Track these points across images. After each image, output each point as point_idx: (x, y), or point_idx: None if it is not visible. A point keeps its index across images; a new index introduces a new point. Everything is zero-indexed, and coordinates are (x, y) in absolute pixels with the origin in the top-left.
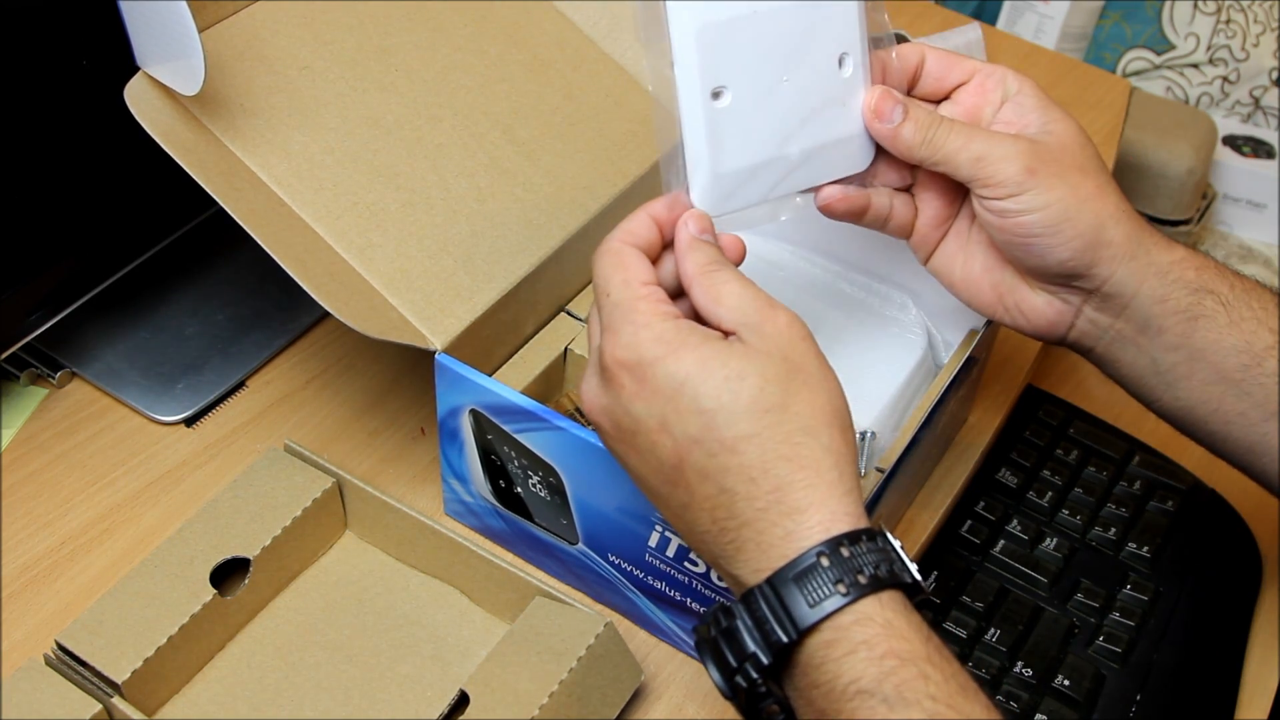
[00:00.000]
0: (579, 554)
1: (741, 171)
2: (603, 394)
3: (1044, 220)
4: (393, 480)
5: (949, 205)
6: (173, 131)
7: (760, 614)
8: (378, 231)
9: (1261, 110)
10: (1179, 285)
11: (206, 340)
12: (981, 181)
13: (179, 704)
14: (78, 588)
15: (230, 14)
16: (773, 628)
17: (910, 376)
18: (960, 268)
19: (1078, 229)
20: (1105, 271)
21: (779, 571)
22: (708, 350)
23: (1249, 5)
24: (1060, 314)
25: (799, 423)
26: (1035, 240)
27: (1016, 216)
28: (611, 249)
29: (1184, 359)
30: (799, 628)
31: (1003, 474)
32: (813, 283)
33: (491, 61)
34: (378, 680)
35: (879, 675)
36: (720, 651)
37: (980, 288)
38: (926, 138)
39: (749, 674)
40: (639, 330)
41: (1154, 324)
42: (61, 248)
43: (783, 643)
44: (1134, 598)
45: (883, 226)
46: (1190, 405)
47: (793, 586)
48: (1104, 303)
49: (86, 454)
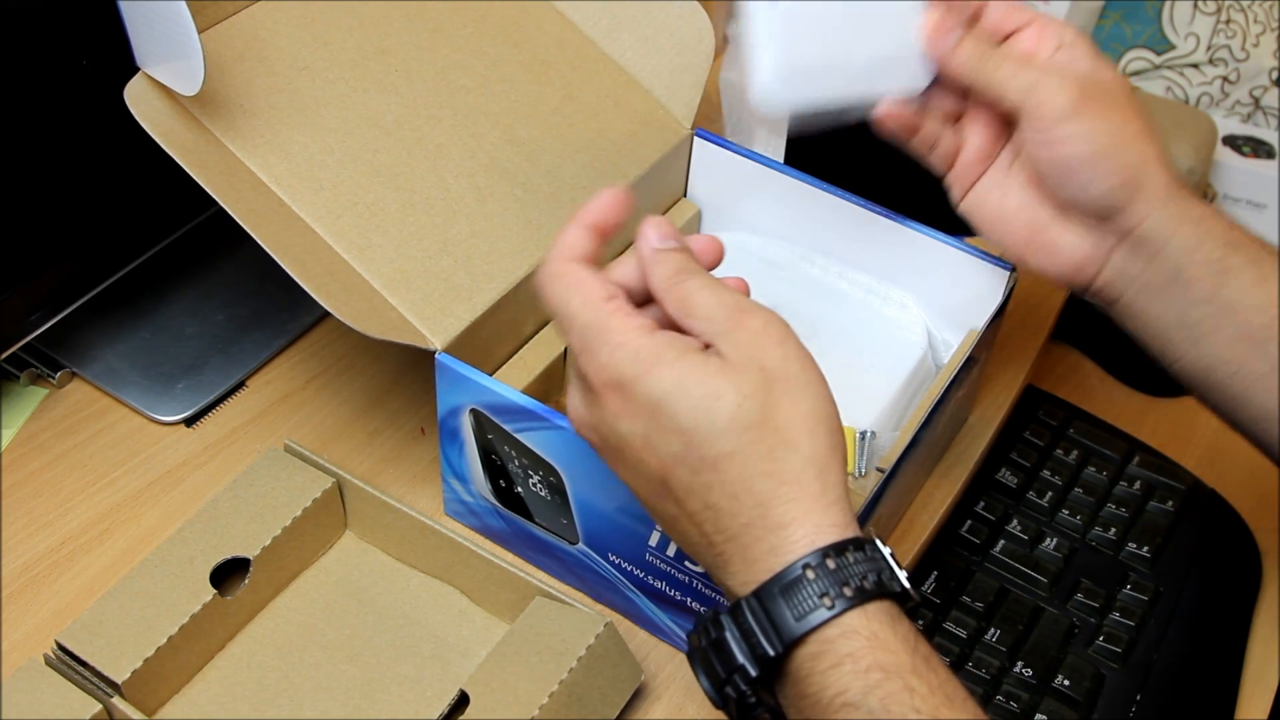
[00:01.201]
0: (579, 554)
1: (802, 69)
2: (588, 411)
3: (1089, 150)
4: (393, 480)
5: (993, 142)
6: (173, 132)
7: (747, 626)
8: (377, 231)
9: (1261, 110)
10: (1210, 237)
11: (206, 340)
12: (1032, 108)
13: (179, 704)
14: (78, 588)
15: (230, 14)
16: (759, 640)
17: (910, 376)
18: (995, 204)
19: (1120, 163)
20: (1142, 212)
21: (765, 585)
22: (684, 366)
23: (1249, 5)
24: (1090, 256)
25: (779, 436)
26: (1078, 170)
27: (1063, 145)
28: (556, 272)
29: (1211, 313)
30: (785, 641)
31: (1003, 474)
32: (813, 283)
33: (491, 62)
34: (378, 680)
35: (864, 688)
36: (710, 662)
37: (1013, 225)
38: (981, 61)
39: (738, 685)
40: (614, 350)
41: (1184, 274)
42: (61, 248)
43: (769, 655)
44: (1134, 598)
45: (928, 153)
46: (1213, 364)
47: (779, 600)
48: (1135, 248)
49: (86, 454)
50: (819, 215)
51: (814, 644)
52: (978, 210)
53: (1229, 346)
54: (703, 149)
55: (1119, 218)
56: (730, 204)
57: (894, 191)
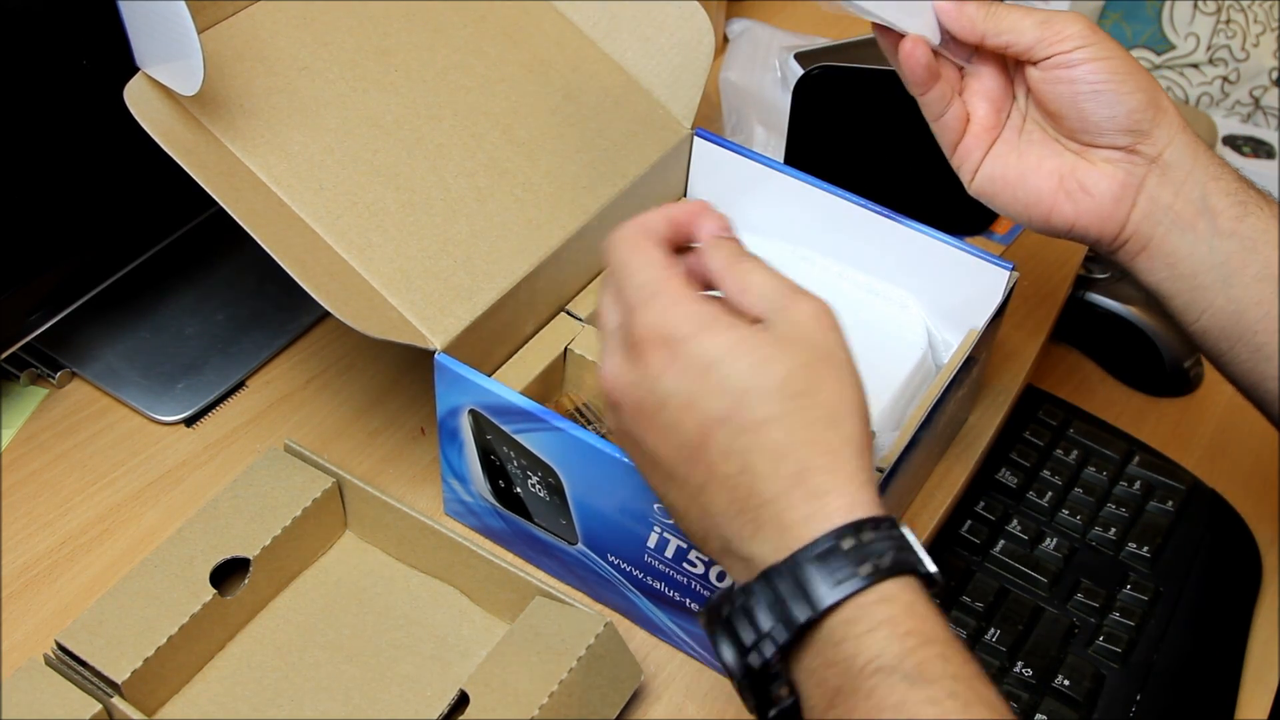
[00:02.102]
0: (578, 554)
1: None
2: (628, 370)
3: (1111, 68)
4: (393, 480)
5: (996, 110)
6: (173, 132)
7: (779, 592)
8: (377, 231)
9: (1261, 110)
10: (1226, 170)
11: (206, 340)
12: (1049, 39)
13: (179, 704)
14: (78, 588)
15: (230, 14)
16: (791, 606)
17: (910, 376)
18: (1015, 165)
19: (1140, 83)
20: (1166, 135)
21: (800, 551)
22: (737, 334)
23: (1249, 5)
24: (1124, 186)
25: (824, 410)
26: (1103, 90)
27: (1085, 65)
28: (628, 235)
29: (1238, 248)
30: (819, 607)
31: (1003, 474)
32: (813, 283)
33: (491, 62)
34: (378, 680)
35: (900, 653)
36: (734, 629)
37: (1039, 178)
38: (990, 12)
39: (763, 653)
40: (671, 306)
41: (1210, 203)
42: (61, 248)
43: (800, 621)
44: (1134, 598)
45: (942, 113)
46: (1243, 307)
47: (813, 567)
48: (1164, 176)
49: (86, 454)
50: (819, 215)
51: (850, 609)
52: (997, 179)
53: (1256, 286)
54: (703, 149)
55: (1145, 142)
56: (730, 204)
57: (894, 191)
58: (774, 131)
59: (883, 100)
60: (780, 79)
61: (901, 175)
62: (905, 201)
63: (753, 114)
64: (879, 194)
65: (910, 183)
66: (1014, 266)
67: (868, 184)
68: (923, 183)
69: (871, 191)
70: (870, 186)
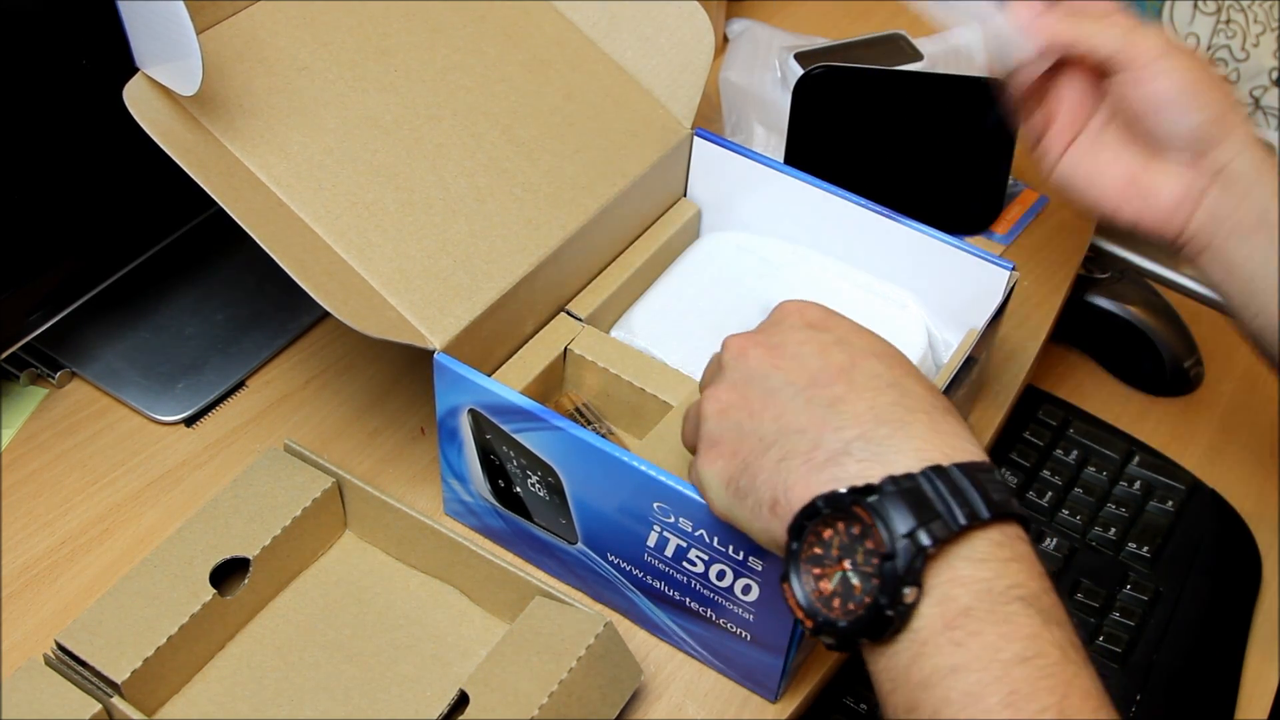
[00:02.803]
0: (578, 554)
1: None
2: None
3: (1185, 81)
4: (393, 480)
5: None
6: (172, 132)
7: (957, 485)
8: (377, 231)
9: (1261, 110)
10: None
11: (206, 340)
12: (1129, 49)
13: (179, 704)
14: (78, 588)
15: (229, 15)
16: (973, 498)
17: None
18: (1089, 163)
19: (1212, 97)
20: (1233, 150)
21: (969, 462)
22: None
23: (1249, 5)
24: (1185, 196)
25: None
26: (1174, 103)
27: (1160, 79)
28: None
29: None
30: (996, 511)
31: (1003, 474)
32: (813, 283)
33: (491, 61)
34: (378, 680)
35: (1038, 590)
36: (922, 496)
37: (1109, 176)
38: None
39: (935, 533)
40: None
41: (1269, 217)
42: (61, 248)
43: (984, 516)
44: (1134, 598)
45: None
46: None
47: (984, 477)
48: (1227, 187)
49: (86, 454)
50: (819, 215)
51: (999, 532)
52: (1073, 171)
53: None
54: (703, 149)
55: (1212, 154)
56: (730, 204)
57: (894, 191)
58: (774, 131)
59: (883, 100)
60: (780, 79)
61: (901, 175)
62: (905, 201)
63: (753, 114)
64: (879, 194)
65: (910, 183)
66: (1014, 266)
67: (868, 184)
68: (923, 183)
69: (871, 191)
70: (870, 186)
